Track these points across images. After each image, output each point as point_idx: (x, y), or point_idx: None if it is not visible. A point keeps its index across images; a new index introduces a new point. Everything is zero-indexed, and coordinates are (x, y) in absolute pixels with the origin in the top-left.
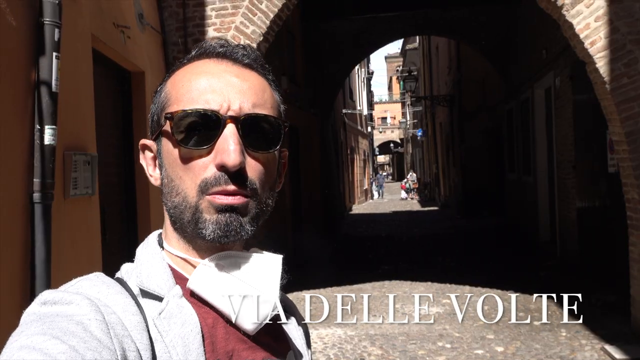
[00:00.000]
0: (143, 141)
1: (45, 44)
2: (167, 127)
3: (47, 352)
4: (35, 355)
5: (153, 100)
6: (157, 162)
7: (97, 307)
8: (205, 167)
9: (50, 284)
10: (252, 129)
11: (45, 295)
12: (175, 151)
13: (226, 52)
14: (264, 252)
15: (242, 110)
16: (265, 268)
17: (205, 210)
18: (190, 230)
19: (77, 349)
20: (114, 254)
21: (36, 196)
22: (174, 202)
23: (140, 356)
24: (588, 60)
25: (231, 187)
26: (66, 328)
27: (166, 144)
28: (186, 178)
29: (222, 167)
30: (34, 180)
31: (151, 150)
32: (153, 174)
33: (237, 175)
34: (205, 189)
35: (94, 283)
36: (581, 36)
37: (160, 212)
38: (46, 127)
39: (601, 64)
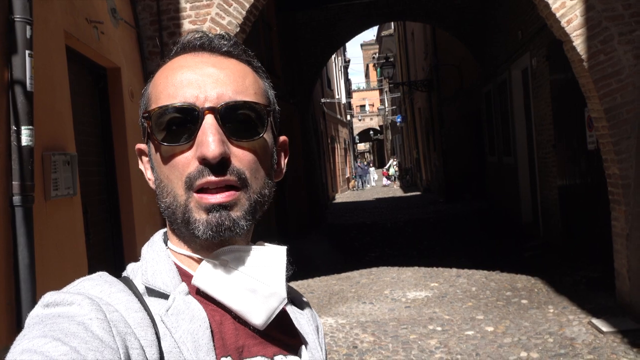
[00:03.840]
0: (138, 146)
1: (17, 42)
2: (148, 127)
3: (49, 354)
4: (37, 358)
5: (140, 103)
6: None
7: (98, 306)
8: (189, 163)
9: (35, 289)
10: (232, 117)
11: (47, 297)
12: (159, 151)
13: (204, 44)
14: (268, 244)
15: (220, 99)
16: (270, 260)
17: (194, 209)
18: (184, 231)
19: (79, 350)
20: (99, 254)
21: (16, 199)
22: (165, 203)
23: (144, 353)
24: (565, 39)
25: (213, 178)
26: (67, 329)
27: (152, 145)
28: (173, 177)
29: (203, 160)
30: (13, 182)
31: (146, 154)
32: (151, 178)
33: (220, 166)
34: (190, 184)
35: (97, 282)
36: (557, 15)
37: (144, 209)
38: (22, 127)
39: (578, 42)
